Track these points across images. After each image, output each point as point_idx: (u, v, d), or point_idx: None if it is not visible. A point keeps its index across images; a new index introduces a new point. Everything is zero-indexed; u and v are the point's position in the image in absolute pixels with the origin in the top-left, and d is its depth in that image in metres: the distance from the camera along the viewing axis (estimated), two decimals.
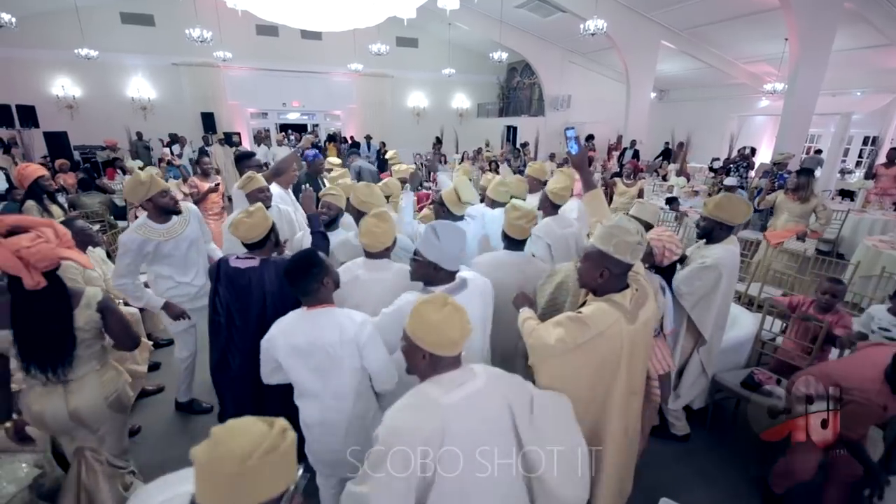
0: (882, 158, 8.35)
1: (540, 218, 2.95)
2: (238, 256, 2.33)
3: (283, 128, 14.80)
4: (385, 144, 12.82)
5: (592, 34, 8.47)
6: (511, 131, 16.23)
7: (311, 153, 4.36)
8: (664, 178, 9.77)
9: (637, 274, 1.81)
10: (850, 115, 10.39)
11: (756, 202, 5.47)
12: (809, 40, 7.29)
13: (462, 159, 11.16)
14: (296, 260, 1.78)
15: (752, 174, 8.93)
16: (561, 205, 3.08)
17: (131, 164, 8.92)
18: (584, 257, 1.73)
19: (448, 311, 1.32)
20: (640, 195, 5.97)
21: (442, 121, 16.35)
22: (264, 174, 3.45)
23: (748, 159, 8.92)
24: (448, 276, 1.88)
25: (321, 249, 2.59)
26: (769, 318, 3.18)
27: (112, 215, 6.46)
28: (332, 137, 14.27)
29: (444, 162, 10.87)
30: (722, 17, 9.43)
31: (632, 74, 10.97)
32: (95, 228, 3.90)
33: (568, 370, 1.63)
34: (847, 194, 8.19)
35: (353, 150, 9.93)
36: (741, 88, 12.64)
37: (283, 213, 3.37)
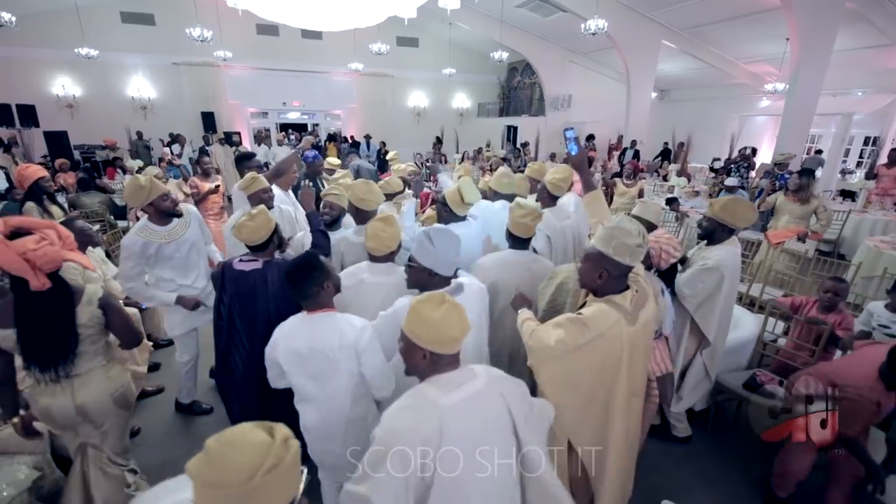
0: (883, 159, 8.34)
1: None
2: (241, 259, 2.32)
3: (284, 127, 14.76)
4: (385, 144, 12.80)
5: (593, 34, 8.47)
6: (511, 131, 16.22)
7: (310, 154, 4.36)
8: (665, 179, 9.75)
9: (637, 275, 1.81)
10: (851, 115, 10.38)
11: (756, 204, 5.46)
12: (810, 40, 7.28)
13: (462, 159, 11.15)
14: (296, 263, 1.77)
15: (752, 174, 8.92)
16: (559, 196, 3.08)
17: (131, 163, 8.91)
18: (585, 258, 1.73)
19: (446, 309, 1.31)
20: (641, 195, 5.95)
21: (442, 120, 16.35)
22: (265, 175, 3.43)
23: (749, 159, 8.90)
24: (443, 282, 1.87)
25: (322, 248, 2.58)
26: (771, 319, 3.17)
27: (112, 215, 6.45)
28: (332, 137, 14.26)
29: (445, 162, 10.86)
30: (723, 17, 9.41)
31: (632, 74, 10.96)
32: (95, 228, 3.89)
33: (568, 371, 1.63)
34: (848, 195, 8.18)
35: (351, 149, 9.92)
36: (742, 88, 12.62)
37: (284, 214, 3.38)
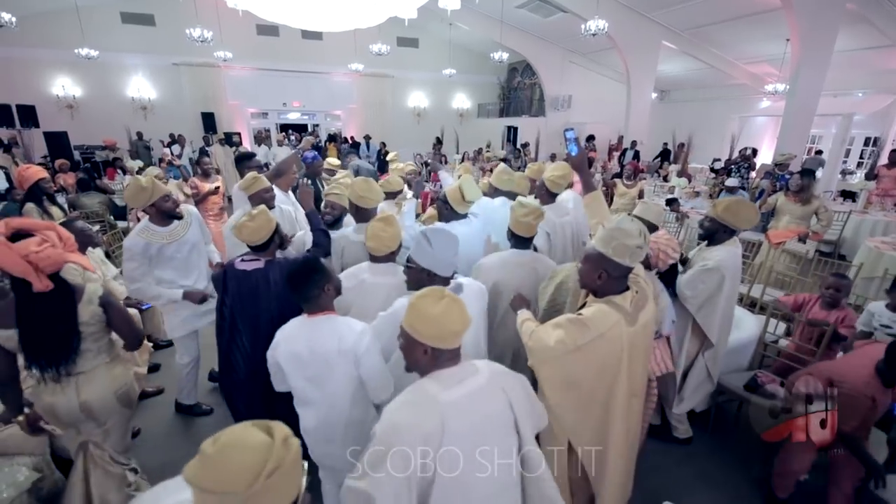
0: (884, 159, 8.33)
1: None
2: (243, 259, 2.32)
3: (284, 128, 14.79)
4: (385, 145, 12.80)
5: (593, 34, 8.47)
6: (512, 132, 16.22)
7: (309, 155, 4.34)
8: (665, 179, 9.75)
9: (637, 276, 1.81)
10: (851, 115, 10.38)
11: (758, 204, 5.45)
12: (811, 41, 7.28)
13: (462, 159, 11.14)
14: (297, 266, 1.76)
15: (753, 175, 8.91)
16: (558, 193, 3.08)
17: (131, 164, 8.91)
18: (584, 259, 1.73)
19: (446, 303, 1.30)
20: (641, 196, 5.95)
21: (442, 121, 16.34)
22: (265, 175, 3.42)
23: (749, 160, 8.90)
24: (443, 283, 1.86)
25: (323, 246, 2.59)
26: (772, 320, 3.16)
27: (112, 215, 6.44)
28: (332, 138, 14.26)
29: (445, 162, 10.85)
30: (723, 18, 9.41)
31: (633, 75, 10.96)
32: (95, 229, 3.89)
33: (568, 372, 1.63)
34: (848, 195, 8.17)
35: (351, 150, 9.91)
36: (742, 89, 12.62)
37: (284, 214, 3.36)
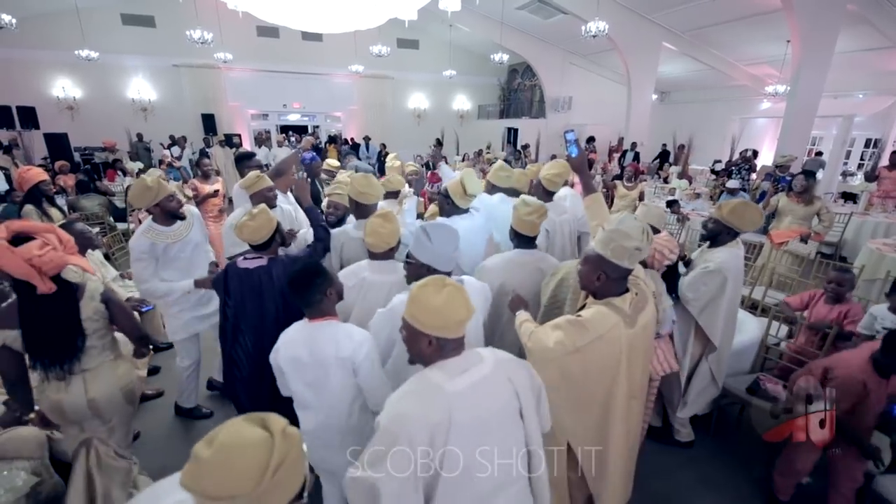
0: (884, 161, 8.32)
1: None
2: (245, 257, 2.32)
3: (284, 129, 14.79)
4: (385, 146, 12.79)
5: (594, 36, 8.47)
6: (512, 133, 16.21)
7: (307, 156, 4.31)
8: (665, 181, 9.74)
9: (637, 278, 1.81)
10: (852, 117, 10.37)
11: (761, 206, 5.44)
12: (811, 42, 7.27)
13: (463, 160, 11.15)
14: (299, 270, 1.74)
15: (753, 177, 8.90)
16: (555, 191, 3.06)
17: (131, 165, 8.92)
18: (584, 260, 1.74)
19: (449, 292, 1.26)
20: (641, 198, 5.94)
21: (442, 122, 16.35)
22: (266, 174, 3.41)
23: (750, 161, 8.89)
24: None
25: (324, 242, 2.59)
26: (774, 322, 3.15)
27: (112, 217, 6.43)
28: (332, 139, 14.26)
29: (445, 162, 10.83)
30: (723, 19, 9.40)
31: (633, 76, 10.96)
32: (95, 231, 3.88)
33: (567, 373, 1.62)
34: (849, 197, 8.16)
35: (350, 151, 9.90)
36: (743, 90, 12.62)
37: (285, 213, 3.33)
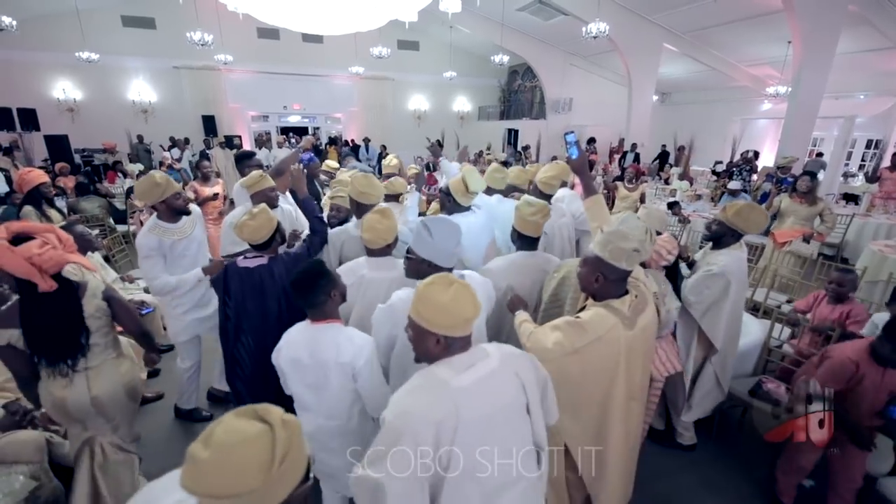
0: (886, 162, 8.31)
1: None
2: (246, 256, 2.32)
3: (284, 131, 14.80)
4: (386, 147, 12.78)
5: (594, 37, 8.47)
6: (512, 134, 16.20)
7: (305, 156, 4.28)
8: (666, 182, 9.72)
9: (637, 280, 1.81)
10: (853, 118, 10.35)
11: (764, 207, 5.43)
12: (813, 43, 7.27)
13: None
14: (303, 271, 1.72)
15: (754, 178, 8.89)
16: (551, 194, 3.04)
17: (131, 167, 8.92)
18: (583, 262, 1.75)
19: (456, 289, 1.25)
20: (643, 200, 5.92)
21: (443, 124, 16.31)
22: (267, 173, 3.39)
23: (751, 163, 8.87)
24: None
25: (321, 234, 2.59)
26: (777, 324, 3.13)
27: (112, 219, 6.42)
28: (332, 141, 14.26)
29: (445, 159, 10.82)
30: (724, 20, 9.40)
31: (634, 77, 10.96)
32: (94, 233, 3.88)
33: (565, 374, 1.62)
34: (851, 198, 8.15)
35: (349, 152, 9.88)
36: (744, 91, 12.62)
37: (285, 213, 3.31)
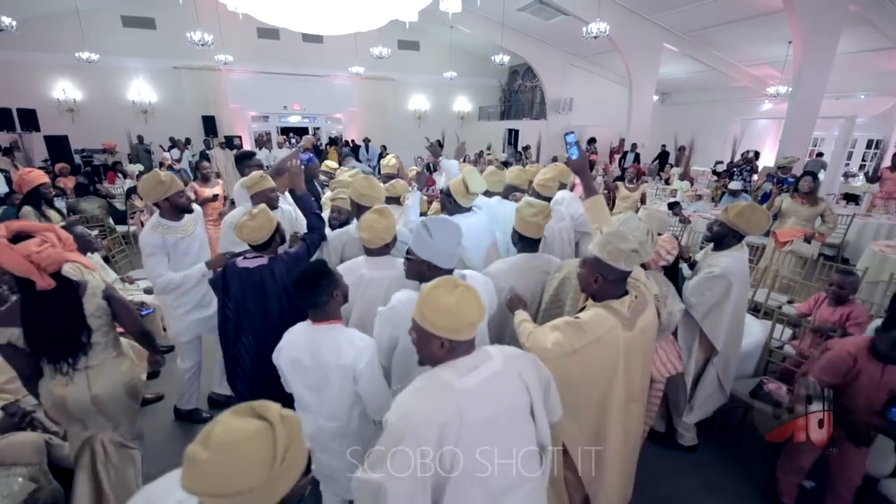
0: (887, 162, 8.30)
1: None
2: (245, 257, 2.31)
3: (285, 131, 14.80)
4: (386, 148, 12.77)
5: (595, 37, 8.47)
6: (513, 134, 16.19)
7: (304, 157, 4.27)
8: (667, 182, 9.71)
9: (637, 281, 1.82)
10: (853, 118, 10.35)
11: (765, 208, 5.42)
12: (813, 43, 7.26)
13: (463, 161, 11.10)
14: (305, 271, 1.70)
15: (755, 178, 8.88)
16: (550, 196, 3.03)
17: (131, 168, 8.91)
18: (582, 263, 1.75)
19: (461, 293, 1.24)
20: (643, 200, 5.90)
21: (443, 124, 16.29)
22: (266, 173, 3.37)
23: (752, 163, 8.86)
24: (444, 275, 1.79)
25: (318, 230, 2.59)
26: (778, 325, 3.13)
27: (112, 219, 6.41)
28: (333, 141, 14.25)
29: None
30: (725, 20, 9.39)
31: (634, 77, 10.95)
32: (94, 233, 3.87)
33: (563, 374, 1.62)
34: (851, 198, 8.14)
35: (349, 153, 9.86)
36: (744, 91, 12.61)
37: (285, 213, 3.29)
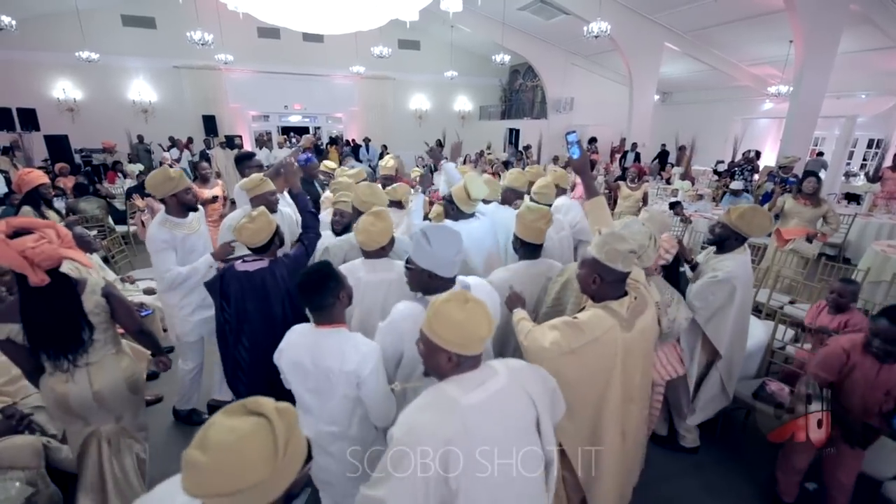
0: (888, 161, 8.28)
1: None
2: (244, 260, 2.30)
3: (285, 130, 14.79)
4: (387, 147, 12.77)
5: (596, 37, 8.45)
6: (513, 134, 16.18)
7: (303, 157, 4.24)
8: (668, 182, 9.69)
9: (637, 282, 1.82)
10: (854, 117, 10.34)
11: (766, 208, 5.40)
12: (814, 43, 7.24)
13: (464, 161, 11.09)
14: (310, 273, 1.68)
15: (756, 177, 8.87)
16: (549, 203, 3.02)
17: (131, 168, 8.90)
18: (581, 264, 1.76)
19: (471, 308, 1.24)
20: (645, 199, 5.89)
21: (444, 123, 16.26)
22: (265, 174, 3.36)
23: (753, 162, 8.84)
24: (446, 284, 1.74)
25: (314, 229, 2.59)
26: (780, 326, 3.11)
27: (112, 219, 6.40)
28: (333, 140, 14.23)
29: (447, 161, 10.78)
30: (726, 20, 9.37)
31: (635, 77, 10.92)
32: (93, 234, 3.86)
33: (561, 373, 1.62)
34: (853, 198, 8.12)
35: (349, 153, 9.85)
36: (745, 91, 12.59)
37: (284, 216, 3.28)
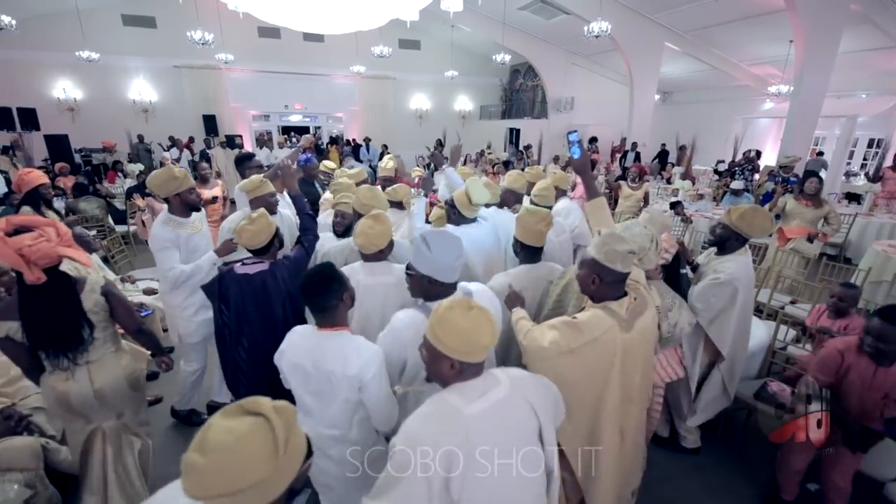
0: (888, 161, 8.27)
1: None
2: (244, 262, 2.29)
3: (286, 130, 14.78)
4: (387, 147, 12.76)
5: (596, 36, 8.45)
6: (514, 134, 16.16)
7: (302, 157, 4.23)
8: (668, 182, 9.68)
9: (637, 283, 1.82)
10: (855, 117, 10.33)
11: (767, 207, 5.39)
12: (815, 42, 7.23)
13: (465, 161, 11.09)
14: (314, 274, 1.67)
15: (756, 177, 8.86)
16: (550, 206, 3.00)
17: (131, 167, 8.90)
18: (581, 264, 1.76)
19: (475, 315, 1.24)
20: (646, 199, 5.88)
21: (444, 123, 16.25)
22: (264, 175, 3.36)
23: (753, 162, 8.84)
24: (447, 290, 1.74)
25: (312, 230, 2.59)
26: (782, 327, 3.11)
27: (112, 219, 6.39)
28: (334, 140, 14.23)
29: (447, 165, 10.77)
30: (726, 19, 9.36)
31: (635, 76, 10.92)
32: (93, 233, 3.86)
33: (559, 373, 1.63)
34: (853, 197, 8.11)
35: (349, 153, 9.85)
36: (745, 90, 12.58)
37: (284, 218, 3.28)
